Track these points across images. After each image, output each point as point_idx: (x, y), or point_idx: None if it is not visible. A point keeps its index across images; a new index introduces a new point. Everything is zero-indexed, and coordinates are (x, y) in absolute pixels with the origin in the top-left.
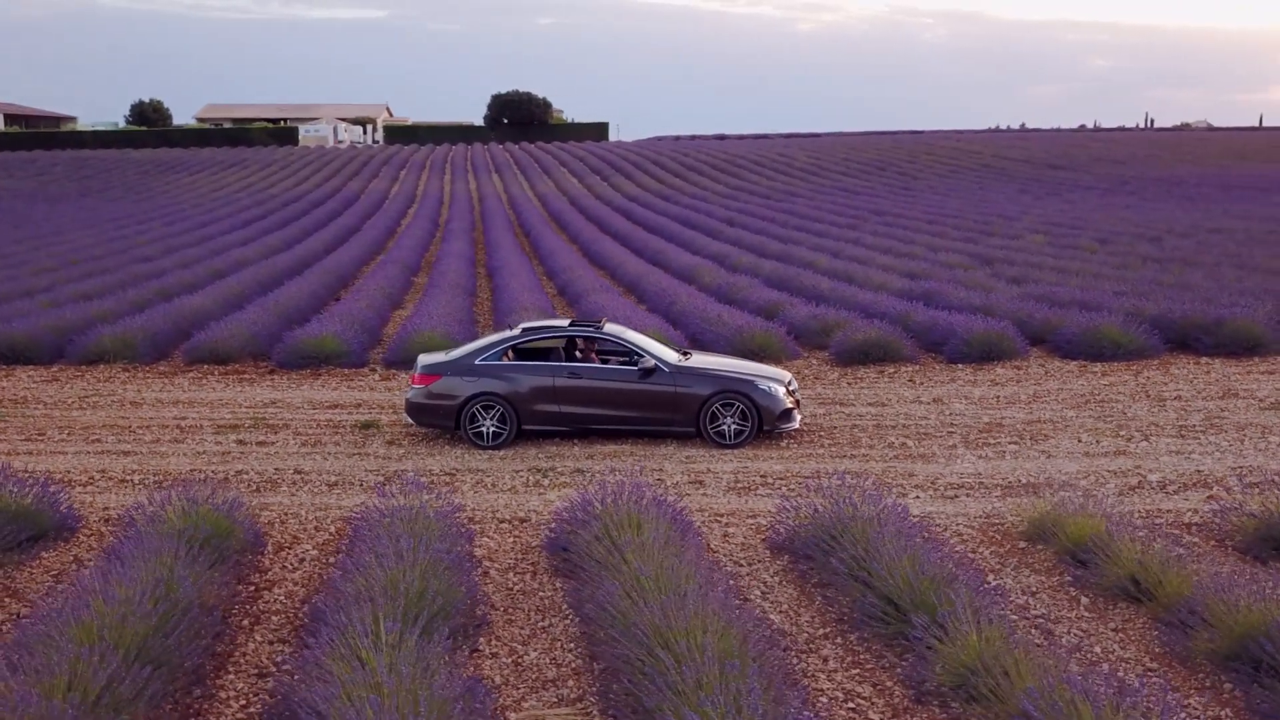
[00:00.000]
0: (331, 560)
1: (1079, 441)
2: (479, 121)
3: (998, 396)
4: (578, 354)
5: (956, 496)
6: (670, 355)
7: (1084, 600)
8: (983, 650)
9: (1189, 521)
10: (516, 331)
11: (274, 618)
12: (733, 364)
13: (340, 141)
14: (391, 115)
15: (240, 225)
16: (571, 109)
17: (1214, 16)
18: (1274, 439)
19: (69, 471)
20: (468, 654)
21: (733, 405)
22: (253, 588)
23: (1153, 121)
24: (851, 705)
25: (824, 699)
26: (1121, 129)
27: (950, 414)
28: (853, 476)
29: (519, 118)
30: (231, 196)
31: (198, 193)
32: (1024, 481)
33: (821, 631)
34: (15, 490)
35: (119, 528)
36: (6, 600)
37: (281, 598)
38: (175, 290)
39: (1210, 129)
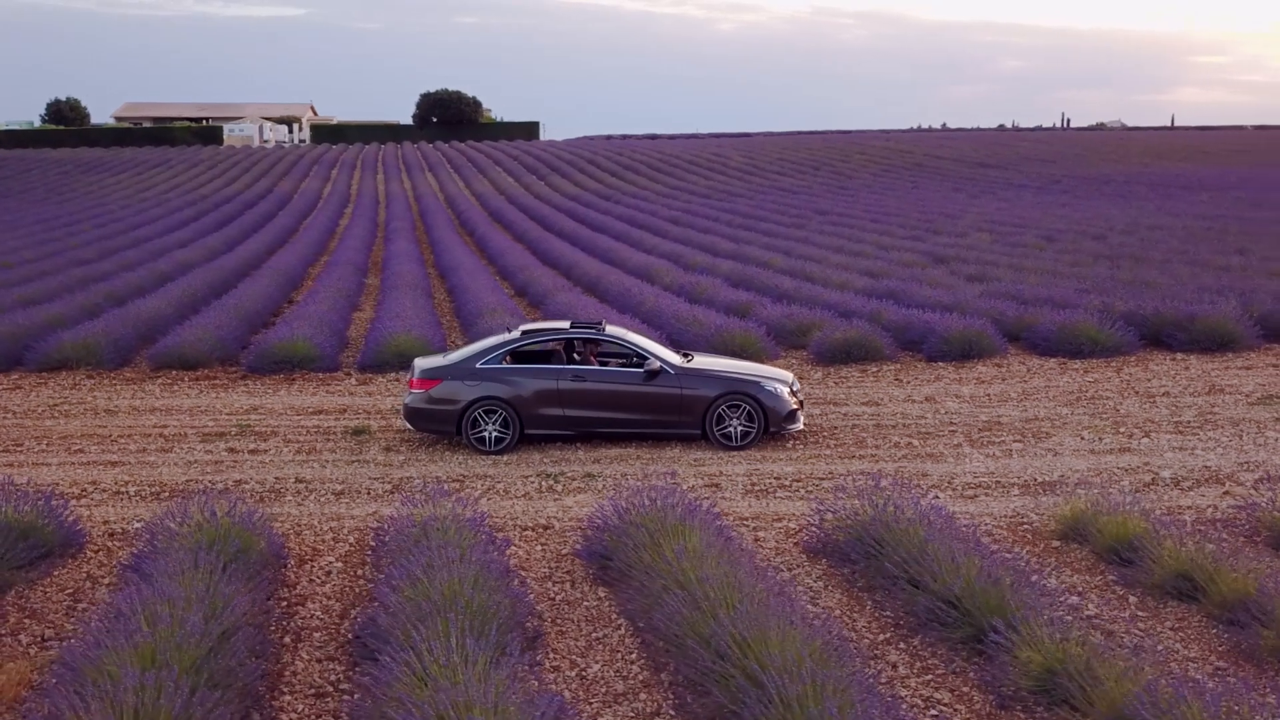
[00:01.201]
0: (359, 573)
1: (1082, 439)
2: (407, 120)
3: (989, 394)
4: (575, 356)
5: (976, 496)
6: (673, 357)
7: (1132, 600)
8: (1065, 653)
9: (1213, 518)
10: (517, 334)
11: (316, 634)
12: (736, 365)
13: (266, 141)
14: (316, 114)
15: (176, 226)
16: (499, 108)
17: (1123, 19)
18: (1271, 434)
19: (57, 483)
20: (527, 667)
21: (739, 407)
22: (284, 603)
23: (1069, 121)
24: (934, 713)
25: (905, 706)
26: (1040, 128)
27: (946, 413)
28: (872, 478)
29: (448, 117)
30: (161, 197)
31: (124, 193)
32: (1039, 480)
33: (882, 637)
34: (21, 506)
35: (124, 542)
36: (27, 622)
37: (319, 613)
38: (124, 294)
39: (1125, 129)
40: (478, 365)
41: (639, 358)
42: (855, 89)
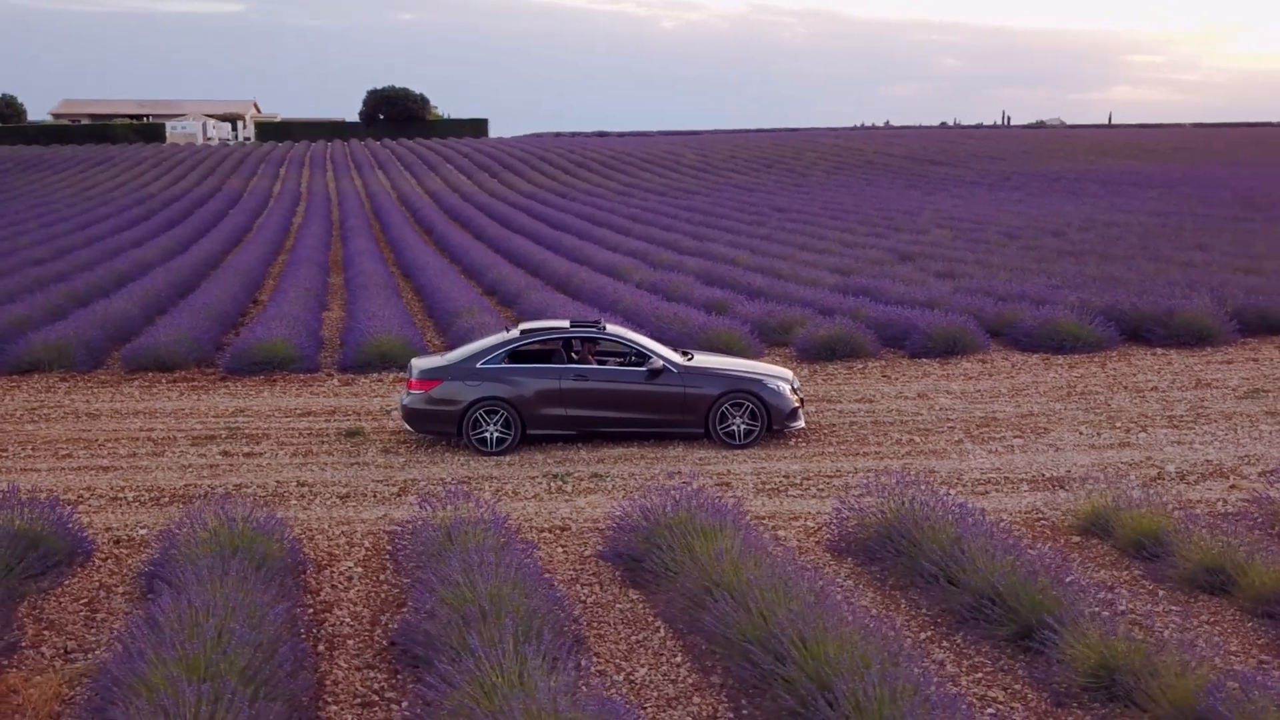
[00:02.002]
0: (381, 578)
1: (1080, 434)
2: (354, 118)
3: (979, 390)
4: (573, 355)
5: (987, 492)
6: (675, 356)
7: (1162, 594)
8: (1116, 648)
9: (1223, 511)
10: (516, 334)
11: (349, 642)
12: (737, 364)
13: (209, 139)
14: (260, 111)
15: (127, 226)
16: (445, 105)
17: (1060, 19)
18: (1265, 428)
19: (50, 490)
20: (578, 672)
21: (742, 405)
22: (311, 610)
23: (1009, 119)
24: (992, 711)
25: (962, 705)
26: (981, 126)
27: (941, 409)
28: (894, 475)
29: (396, 114)
30: (106, 196)
31: (68, 192)
32: (1047, 476)
33: (924, 635)
34: (27, 514)
35: (132, 549)
36: (46, 634)
37: (348, 620)
38: (85, 294)
39: (1065, 126)
40: (478, 365)
41: (641, 357)
42: (798, 87)
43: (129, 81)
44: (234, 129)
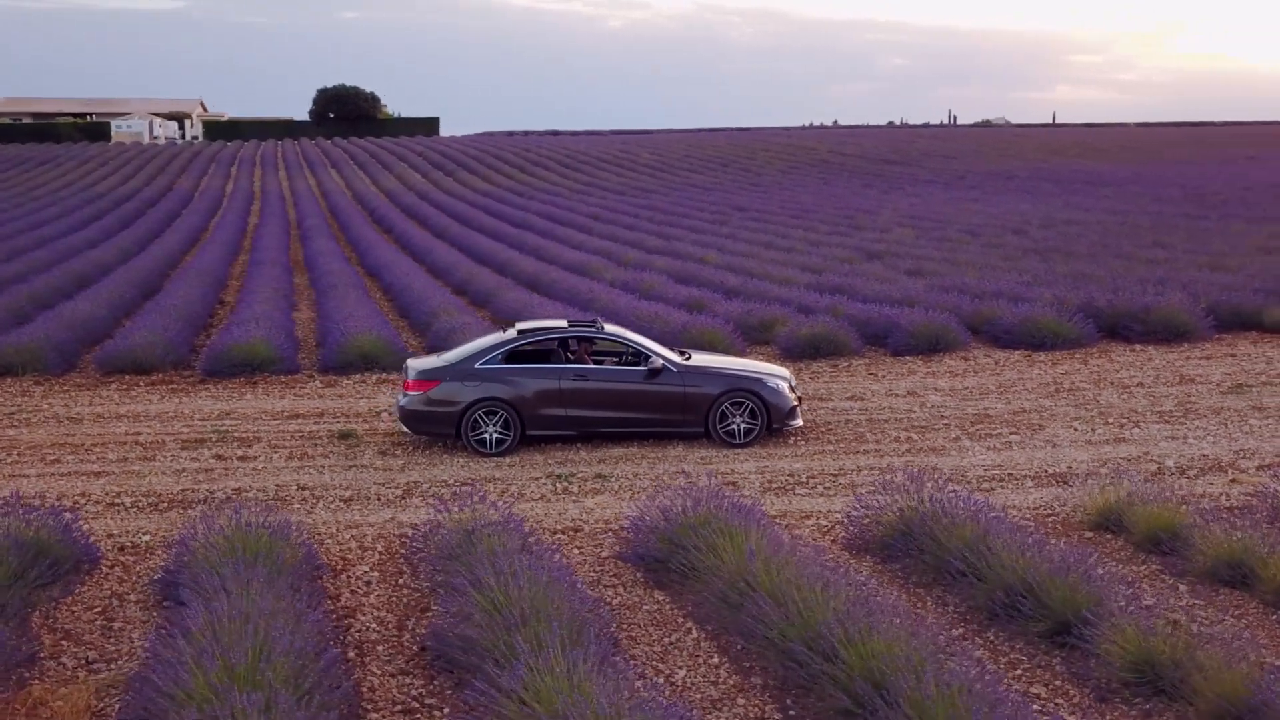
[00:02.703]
0: (400, 581)
1: (1075, 430)
2: (304, 117)
3: (967, 387)
4: (570, 355)
5: (993, 489)
6: (674, 355)
7: (1183, 588)
8: (1155, 643)
9: (1228, 506)
10: (514, 334)
11: (378, 648)
12: (735, 362)
13: (156, 138)
14: (206, 110)
15: (79, 226)
16: (395, 104)
17: (1002, 19)
18: (1254, 422)
19: (40, 495)
20: (621, 676)
21: (742, 404)
22: (334, 616)
23: (955, 118)
24: (1037, 708)
25: (1009, 701)
26: (928, 125)
27: (933, 406)
28: (907, 473)
29: (346, 113)
30: (54, 196)
31: (14, 192)
32: (1050, 472)
33: (956, 632)
34: (34, 521)
35: (138, 556)
36: (65, 644)
37: (374, 625)
38: (47, 296)
39: (1010, 125)
40: (476, 365)
41: (640, 356)
42: (746, 86)
43: (71, 79)
44: (181, 128)
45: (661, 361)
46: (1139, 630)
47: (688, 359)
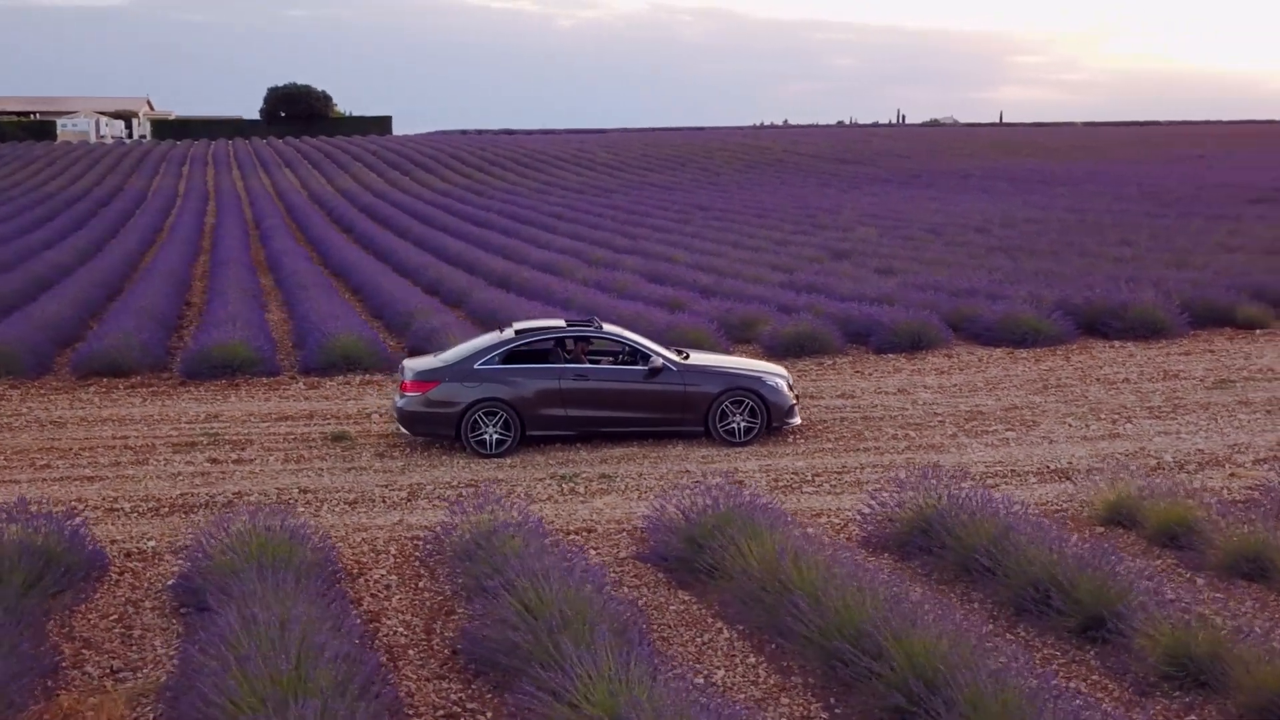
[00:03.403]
0: (420, 584)
1: (1069, 426)
2: (254, 116)
3: (955, 385)
4: (566, 354)
5: (997, 485)
6: (672, 354)
7: (1201, 581)
8: (1196, 636)
9: (1232, 499)
10: (511, 333)
11: (410, 651)
12: (734, 361)
13: (103, 137)
14: (153, 109)
15: (32, 227)
16: (346, 103)
17: (948, 19)
18: (1242, 417)
19: (36, 501)
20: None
21: (742, 403)
22: (359, 621)
23: (904, 117)
24: (1079, 702)
25: (1054, 696)
26: (877, 124)
27: (924, 403)
28: (921, 470)
29: (298, 112)
30: (3, 196)
31: None
32: (1051, 468)
33: (987, 629)
34: (44, 527)
35: (145, 561)
36: (86, 653)
37: (401, 629)
38: (10, 298)
39: (958, 124)
40: (475, 366)
41: (639, 355)
42: (697, 85)
43: (12, 78)
44: (128, 127)
45: (662, 361)
46: (1173, 624)
47: (686, 358)
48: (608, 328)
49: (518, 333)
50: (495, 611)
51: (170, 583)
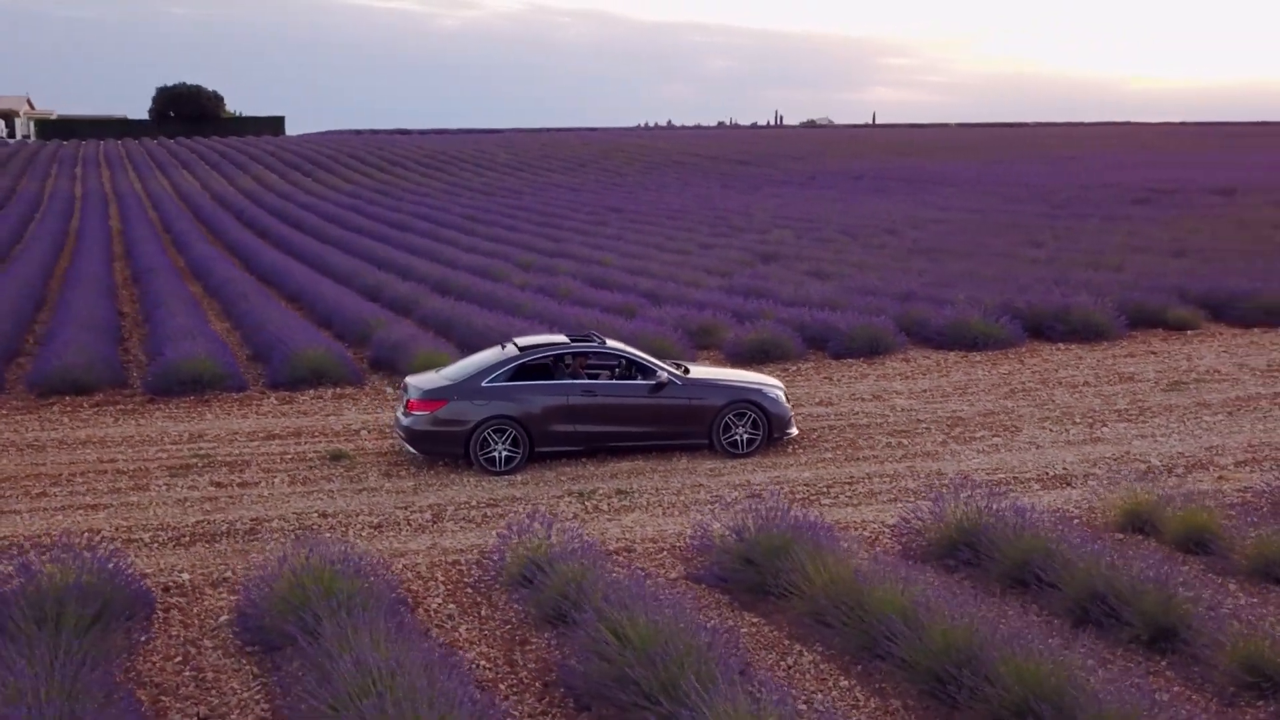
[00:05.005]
0: (482, 613)
1: (1050, 432)
2: (141, 115)
3: (925, 390)
4: (565, 370)
5: (1004, 493)
6: (673, 368)
7: (1233, 586)
8: (1267, 645)
9: (1232, 502)
10: (514, 350)
11: (501, 685)
12: (733, 374)
13: None
14: (34, 108)
15: None
16: (234, 103)
17: (821, 22)
18: (1208, 419)
19: (48, 533)
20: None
21: (745, 415)
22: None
23: (782, 118)
24: (1169, 715)
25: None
26: (756, 125)
27: (903, 409)
28: (950, 481)
29: (188, 112)
30: None
31: None
32: (1050, 474)
33: (1052, 642)
34: (88, 563)
35: (187, 596)
36: (165, 699)
37: (483, 662)
38: None
39: (834, 125)
40: (483, 384)
41: (641, 370)
42: (580, 85)
43: None
44: (10, 126)
45: (667, 375)
46: (1241, 634)
47: (687, 372)
48: (611, 343)
49: (522, 349)
50: (583, 642)
51: (223, 618)
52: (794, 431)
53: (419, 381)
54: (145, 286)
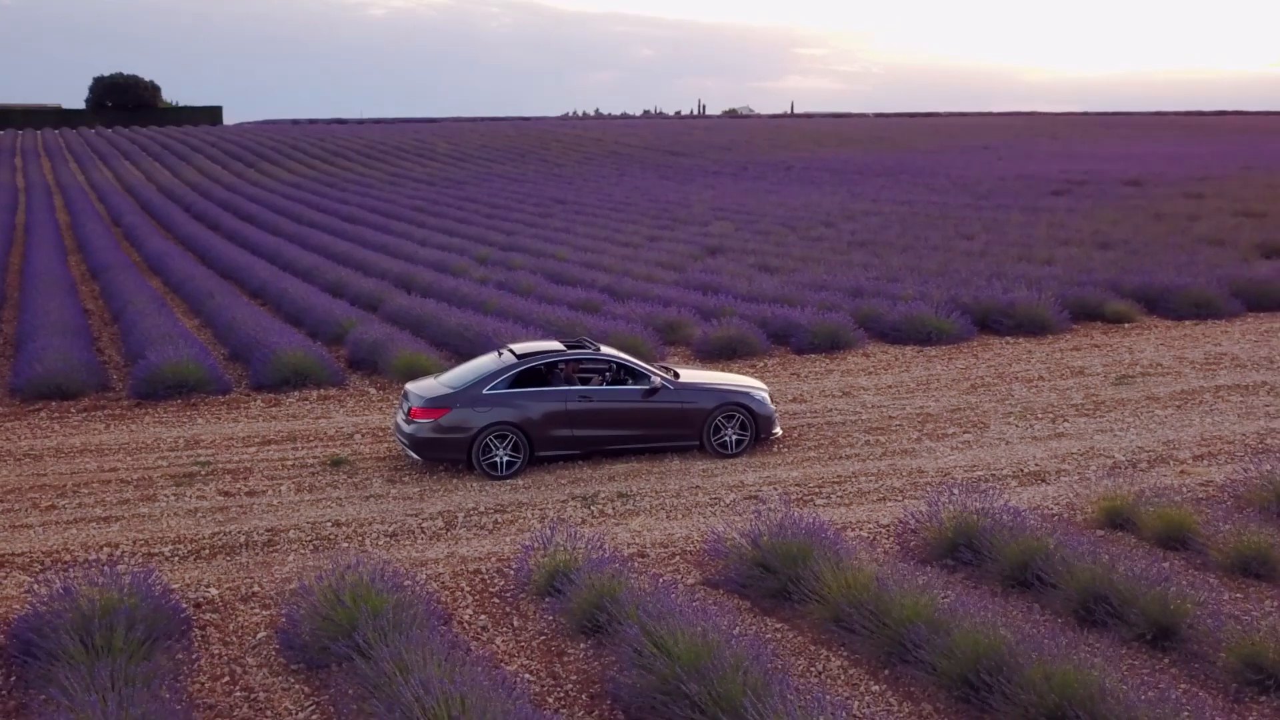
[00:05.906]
0: (514, 624)
1: (1015, 427)
2: (76, 105)
3: (890, 386)
4: (559, 375)
5: (986, 492)
6: (664, 373)
7: (1213, 581)
8: (1264, 642)
9: (1198, 497)
10: (512, 357)
11: (548, 698)
12: (721, 378)
13: None
14: None
15: None
16: (170, 92)
17: (738, 13)
18: (1159, 412)
19: (65, 548)
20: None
21: (734, 417)
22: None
23: (705, 107)
24: (1188, 712)
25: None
26: (679, 114)
27: (873, 406)
28: (944, 483)
29: (125, 101)
30: None
31: None
32: (1026, 471)
33: (1062, 640)
34: (130, 585)
35: (218, 612)
36: None
37: (526, 675)
38: None
39: (754, 115)
40: (484, 391)
41: (640, 376)
42: (510, 74)
43: None
44: None
45: (660, 380)
46: (1239, 631)
47: (677, 377)
48: (605, 349)
49: (520, 357)
50: (625, 654)
51: (260, 635)
52: (779, 431)
53: (420, 389)
54: (106, 284)
